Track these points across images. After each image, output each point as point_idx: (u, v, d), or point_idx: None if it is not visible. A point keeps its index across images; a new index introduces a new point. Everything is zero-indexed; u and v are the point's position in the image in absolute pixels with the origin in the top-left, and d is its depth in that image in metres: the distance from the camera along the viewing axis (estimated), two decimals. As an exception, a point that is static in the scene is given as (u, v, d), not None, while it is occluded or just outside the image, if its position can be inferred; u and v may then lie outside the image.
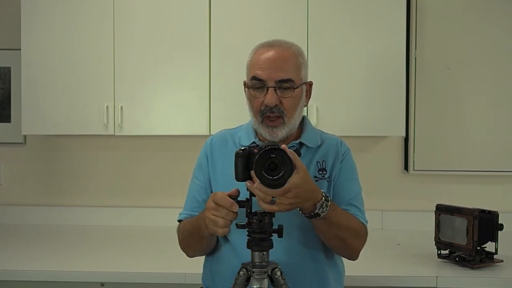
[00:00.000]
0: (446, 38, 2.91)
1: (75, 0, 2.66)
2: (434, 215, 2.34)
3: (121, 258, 2.39)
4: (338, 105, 2.61)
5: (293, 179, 1.26)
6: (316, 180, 1.54)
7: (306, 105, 1.60)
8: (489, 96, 2.91)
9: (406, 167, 2.98)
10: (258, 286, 1.31)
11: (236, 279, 1.35)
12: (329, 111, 2.59)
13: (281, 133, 1.50)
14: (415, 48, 2.91)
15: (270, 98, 1.47)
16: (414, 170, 2.94)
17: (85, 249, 2.53)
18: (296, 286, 1.44)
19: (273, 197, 1.27)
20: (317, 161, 1.57)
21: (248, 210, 1.32)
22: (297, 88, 1.49)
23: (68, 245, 2.60)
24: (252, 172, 1.27)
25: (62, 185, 3.10)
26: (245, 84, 1.57)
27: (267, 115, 1.49)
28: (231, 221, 1.33)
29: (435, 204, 2.35)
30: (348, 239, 1.49)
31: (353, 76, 2.63)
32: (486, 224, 2.22)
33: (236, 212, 1.32)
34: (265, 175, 1.24)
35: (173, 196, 2.99)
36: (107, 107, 2.65)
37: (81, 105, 2.66)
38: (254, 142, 1.56)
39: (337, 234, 1.46)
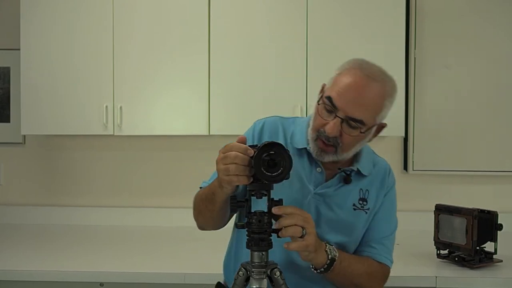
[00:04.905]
0: (446, 38, 2.91)
1: (75, 0, 2.66)
2: (433, 215, 2.33)
3: (121, 258, 2.38)
4: (337, 105, 2.61)
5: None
6: (354, 209, 1.50)
7: (370, 141, 1.50)
8: (489, 96, 2.91)
9: (405, 167, 2.98)
10: (257, 286, 1.30)
11: (235, 279, 1.34)
12: (328, 111, 2.58)
13: (328, 158, 1.43)
14: (415, 48, 2.91)
15: (332, 128, 1.37)
16: (413, 170, 2.94)
17: (84, 249, 2.53)
18: (296, 285, 1.44)
19: (303, 228, 1.27)
20: (360, 189, 1.51)
21: (247, 210, 1.32)
22: (364, 132, 1.39)
23: (67, 245, 2.60)
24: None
25: (62, 185, 3.10)
26: (322, 88, 1.45)
27: (322, 139, 1.41)
28: (245, 168, 1.21)
29: (435, 204, 2.35)
30: (363, 284, 1.48)
31: (352, 76, 2.62)
32: (485, 224, 2.22)
33: (249, 159, 1.21)
34: (265, 172, 1.24)
35: (173, 196, 3.01)
36: (106, 107, 2.65)
37: (80, 105, 2.66)
38: (305, 149, 1.49)
39: (350, 282, 1.46)
